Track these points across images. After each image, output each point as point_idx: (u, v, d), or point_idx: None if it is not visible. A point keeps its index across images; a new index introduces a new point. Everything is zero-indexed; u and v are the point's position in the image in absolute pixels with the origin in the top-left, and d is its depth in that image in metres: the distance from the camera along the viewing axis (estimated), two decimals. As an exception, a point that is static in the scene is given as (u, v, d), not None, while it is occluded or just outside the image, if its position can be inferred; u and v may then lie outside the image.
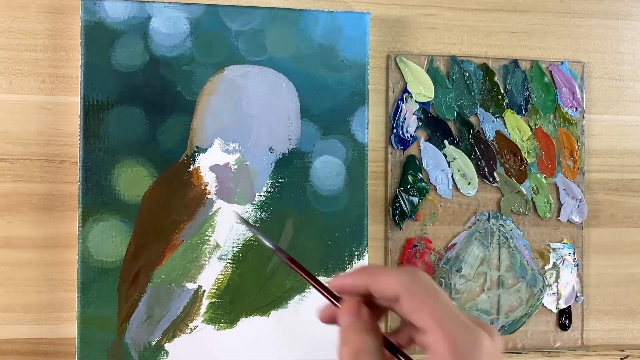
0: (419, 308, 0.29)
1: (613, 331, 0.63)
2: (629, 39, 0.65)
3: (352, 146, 0.56)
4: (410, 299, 0.29)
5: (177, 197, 0.54)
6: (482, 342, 0.28)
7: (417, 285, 0.29)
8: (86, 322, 0.52)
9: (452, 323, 0.28)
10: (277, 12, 0.56)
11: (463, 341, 0.28)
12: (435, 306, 0.28)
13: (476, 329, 0.28)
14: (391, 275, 0.30)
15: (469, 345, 0.28)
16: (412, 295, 0.29)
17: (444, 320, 0.28)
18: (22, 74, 0.55)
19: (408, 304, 0.29)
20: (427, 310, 0.28)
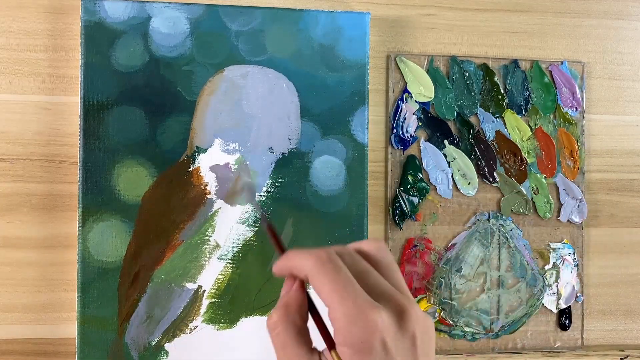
0: (319, 287, 0.31)
1: (613, 331, 0.63)
2: (629, 39, 0.65)
3: (352, 146, 0.56)
4: (314, 279, 0.31)
5: (177, 197, 0.54)
6: (372, 319, 0.29)
7: (321, 266, 0.31)
8: (86, 322, 0.52)
9: (344, 300, 0.30)
10: (277, 12, 0.56)
11: (351, 319, 0.29)
12: (334, 284, 0.30)
13: (367, 308, 0.30)
14: (302, 258, 0.32)
15: (357, 323, 0.29)
16: (314, 275, 0.31)
17: (338, 297, 0.30)
18: (22, 74, 0.55)
19: (312, 283, 0.31)
20: (325, 289, 0.30)
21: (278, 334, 0.32)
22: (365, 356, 0.29)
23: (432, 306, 0.59)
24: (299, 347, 0.32)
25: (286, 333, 0.32)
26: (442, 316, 0.59)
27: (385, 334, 0.30)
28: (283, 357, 0.32)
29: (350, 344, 0.29)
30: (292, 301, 0.33)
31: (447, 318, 0.59)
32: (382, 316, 0.30)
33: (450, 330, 0.60)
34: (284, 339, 0.32)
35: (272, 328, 0.33)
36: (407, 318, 0.31)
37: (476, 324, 0.60)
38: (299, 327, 0.33)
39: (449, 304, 0.59)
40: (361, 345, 0.29)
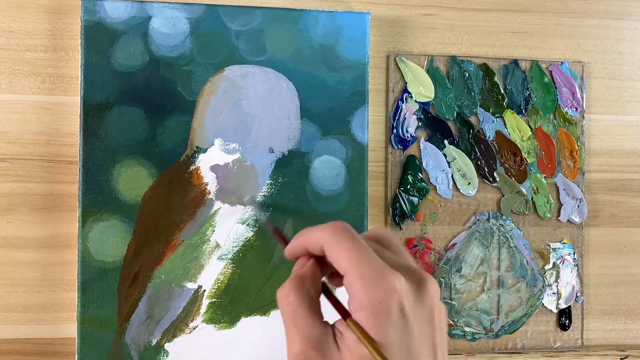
0: (336, 253, 0.31)
1: (613, 331, 0.63)
2: (629, 39, 0.65)
3: (352, 146, 0.56)
4: (330, 247, 0.31)
5: (177, 197, 0.54)
6: (390, 280, 0.29)
7: (336, 235, 0.31)
8: (86, 322, 0.52)
9: (361, 263, 0.30)
10: (277, 12, 0.56)
11: (370, 279, 0.29)
12: (350, 250, 0.30)
13: (385, 269, 0.30)
14: (316, 231, 0.32)
15: (375, 283, 0.29)
16: (331, 244, 0.31)
17: (355, 260, 0.30)
18: (22, 74, 0.55)
19: (329, 253, 0.31)
20: (342, 254, 0.30)
21: (291, 303, 0.31)
22: (382, 319, 0.29)
23: (432, 306, 0.59)
24: (312, 317, 0.31)
25: (299, 303, 0.31)
26: (442, 316, 0.59)
27: (403, 298, 0.29)
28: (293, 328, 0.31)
29: (367, 306, 0.29)
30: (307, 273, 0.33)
31: (447, 318, 0.59)
32: (400, 280, 0.29)
33: (450, 330, 0.60)
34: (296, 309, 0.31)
35: (285, 297, 0.31)
36: (427, 288, 0.31)
37: (476, 324, 0.60)
38: (312, 298, 0.32)
39: (449, 304, 0.59)
40: (378, 307, 0.29)
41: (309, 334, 0.31)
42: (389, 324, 0.29)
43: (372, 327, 0.29)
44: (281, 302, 0.32)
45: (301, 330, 0.31)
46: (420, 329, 0.30)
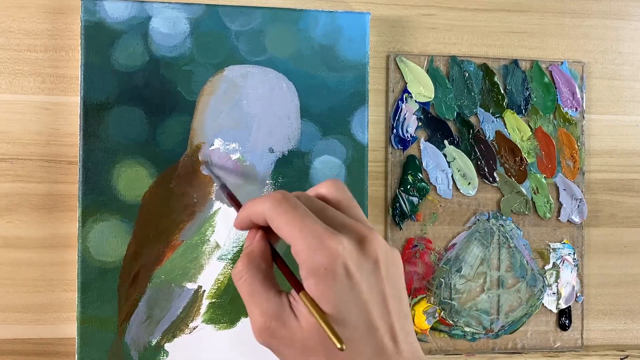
0: (278, 226, 0.32)
1: (613, 331, 0.63)
2: (629, 39, 0.65)
3: (352, 146, 0.56)
4: (272, 219, 0.32)
5: (177, 197, 0.54)
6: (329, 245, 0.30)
7: (276, 206, 0.32)
8: (86, 322, 0.52)
9: (302, 232, 0.31)
10: (277, 12, 0.56)
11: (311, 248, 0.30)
12: (292, 220, 0.31)
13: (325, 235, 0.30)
14: (258, 203, 0.33)
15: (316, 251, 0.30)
16: (272, 216, 0.32)
17: (296, 231, 0.31)
18: (22, 74, 0.55)
19: (272, 225, 0.32)
20: (284, 226, 0.31)
21: (245, 280, 0.33)
22: (329, 282, 0.30)
23: (432, 306, 0.59)
24: (266, 290, 0.32)
25: (253, 278, 0.33)
26: (442, 316, 0.59)
27: (347, 259, 0.30)
28: (251, 303, 0.32)
29: (314, 273, 0.30)
30: (255, 248, 0.34)
31: (447, 318, 0.59)
32: (342, 242, 0.30)
33: (450, 330, 0.60)
34: (251, 285, 0.32)
35: (239, 276, 0.33)
36: (368, 243, 0.32)
37: (476, 324, 0.60)
38: (264, 272, 0.33)
39: (449, 304, 0.59)
40: (324, 272, 0.30)
41: (266, 307, 0.32)
42: (336, 287, 0.30)
43: (320, 293, 0.30)
44: (236, 281, 0.33)
45: (258, 305, 0.32)
46: (368, 283, 0.31)
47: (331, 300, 0.30)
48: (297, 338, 0.31)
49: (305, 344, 0.31)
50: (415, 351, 0.32)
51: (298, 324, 0.31)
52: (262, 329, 0.32)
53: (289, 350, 0.32)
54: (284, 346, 0.32)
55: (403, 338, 0.32)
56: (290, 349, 0.32)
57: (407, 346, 0.32)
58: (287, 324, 0.32)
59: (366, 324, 0.31)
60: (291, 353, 0.32)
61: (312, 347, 0.31)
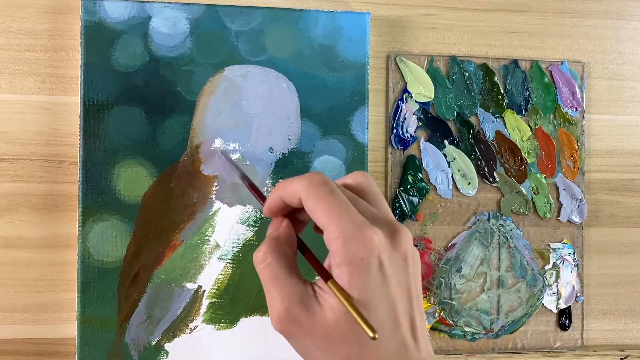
0: (314, 208, 0.31)
1: (613, 331, 0.63)
2: (629, 39, 0.65)
3: (352, 146, 0.56)
4: (308, 201, 0.31)
5: (177, 197, 0.54)
6: (369, 236, 0.30)
7: (315, 187, 0.31)
8: (86, 322, 0.52)
9: (341, 219, 0.30)
10: (277, 12, 0.56)
11: (350, 236, 0.29)
12: (328, 205, 0.30)
13: (364, 225, 0.30)
14: (294, 182, 0.32)
15: (355, 240, 0.29)
16: (309, 196, 0.31)
17: (335, 217, 0.30)
18: (22, 74, 0.55)
19: (307, 206, 0.31)
20: (321, 209, 0.30)
21: (269, 263, 0.32)
22: (363, 273, 0.29)
23: (432, 306, 0.59)
24: (290, 277, 0.32)
25: (277, 263, 0.32)
26: (442, 316, 0.59)
27: (381, 252, 0.30)
28: (273, 288, 0.31)
29: (349, 262, 0.29)
30: (282, 234, 0.33)
31: (447, 318, 0.59)
32: (378, 234, 0.30)
33: (450, 330, 0.60)
34: (275, 269, 0.32)
35: (262, 259, 0.32)
36: (400, 238, 0.31)
37: (476, 324, 0.60)
38: (289, 259, 0.32)
39: (449, 304, 0.59)
40: (360, 262, 0.29)
41: (290, 293, 0.31)
42: (370, 278, 0.30)
43: (353, 283, 0.29)
44: (258, 264, 0.32)
45: (282, 290, 0.31)
46: (397, 278, 0.31)
47: (363, 292, 0.29)
48: (320, 327, 0.30)
49: (328, 334, 0.30)
50: (430, 350, 0.32)
51: (322, 313, 0.30)
52: (284, 315, 0.31)
53: (309, 339, 0.31)
54: (304, 335, 0.31)
55: (422, 336, 0.32)
56: (310, 338, 0.31)
57: (424, 345, 0.32)
58: (310, 311, 0.31)
59: (392, 319, 0.30)
60: (311, 342, 0.31)
61: (335, 337, 0.30)
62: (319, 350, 0.31)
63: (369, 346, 0.30)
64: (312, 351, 0.31)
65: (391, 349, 0.30)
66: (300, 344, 0.31)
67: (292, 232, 0.34)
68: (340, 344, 0.30)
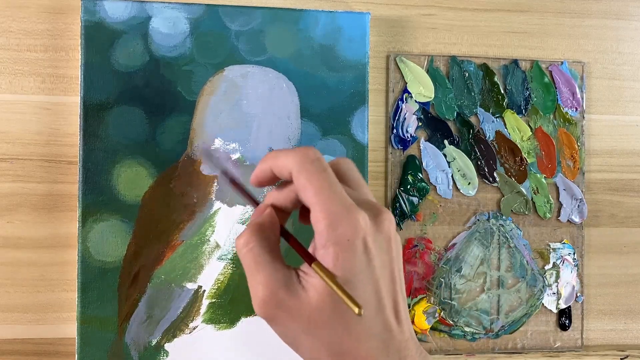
0: (304, 185, 0.30)
1: (613, 331, 0.63)
2: (629, 39, 0.65)
3: (352, 146, 0.56)
4: (298, 175, 0.31)
5: (177, 197, 0.54)
6: (356, 218, 0.30)
7: (306, 163, 0.31)
8: (86, 322, 0.52)
9: (330, 200, 0.30)
10: (277, 12, 0.56)
11: (337, 217, 0.30)
12: (319, 183, 0.30)
13: (352, 207, 0.30)
14: (287, 155, 0.31)
15: (343, 221, 0.30)
16: (300, 172, 0.31)
17: (324, 197, 0.30)
18: (22, 74, 0.55)
19: (297, 181, 0.31)
20: (312, 188, 0.30)
21: (251, 249, 0.31)
22: (349, 254, 0.30)
23: (432, 306, 0.59)
24: (274, 261, 0.31)
25: (260, 247, 0.31)
26: (442, 316, 0.59)
27: (366, 234, 0.30)
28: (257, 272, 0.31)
29: (336, 242, 0.30)
30: (265, 220, 0.33)
31: (447, 318, 0.59)
32: (365, 217, 0.30)
33: (450, 330, 0.60)
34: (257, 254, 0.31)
35: (245, 244, 0.32)
36: (383, 220, 0.32)
37: (476, 324, 0.60)
38: (272, 244, 0.32)
39: (449, 304, 0.59)
40: (347, 244, 0.30)
41: (274, 276, 0.31)
42: (355, 260, 0.30)
43: (339, 264, 0.30)
44: (241, 249, 0.32)
45: (266, 274, 0.31)
46: (380, 260, 0.31)
47: (348, 272, 0.30)
48: (304, 310, 0.30)
49: (311, 317, 0.30)
50: (412, 332, 0.33)
51: (307, 296, 0.30)
52: (268, 298, 0.31)
53: (293, 323, 0.31)
54: (288, 318, 0.31)
55: (404, 318, 0.32)
56: (294, 321, 0.31)
57: (407, 327, 0.32)
58: (295, 294, 0.30)
59: (376, 300, 0.31)
60: (295, 326, 0.31)
61: (319, 319, 0.30)
62: (304, 333, 0.31)
63: (353, 327, 0.30)
64: (296, 335, 0.31)
65: (375, 329, 0.30)
66: (283, 328, 0.31)
67: (275, 218, 0.33)
68: (324, 326, 0.30)
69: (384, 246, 0.32)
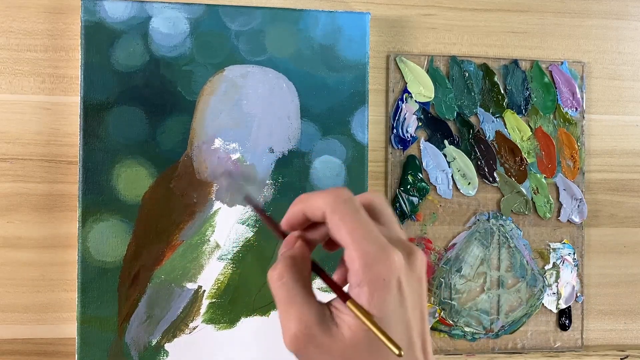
0: (338, 225, 0.31)
1: (613, 331, 0.63)
2: (629, 39, 0.65)
3: (352, 146, 0.56)
4: (332, 216, 0.31)
5: (177, 197, 0.54)
6: (392, 258, 0.30)
7: (339, 203, 0.31)
8: (86, 322, 0.52)
9: (365, 240, 0.30)
10: (277, 12, 0.56)
11: (373, 257, 0.30)
12: (353, 224, 0.30)
13: (388, 247, 0.30)
14: (319, 197, 0.32)
15: (378, 261, 0.30)
16: (333, 212, 0.31)
17: (358, 236, 0.30)
18: (22, 74, 0.55)
19: (330, 222, 0.31)
20: (345, 228, 0.30)
21: (285, 282, 0.31)
22: (384, 293, 0.30)
23: (432, 306, 0.59)
24: (307, 296, 0.31)
25: (294, 282, 0.31)
26: (442, 316, 0.59)
27: (400, 274, 0.30)
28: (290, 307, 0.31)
29: (371, 282, 0.30)
30: (297, 254, 0.33)
31: (447, 318, 0.59)
32: (399, 256, 0.30)
33: (450, 330, 0.60)
34: (291, 289, 0.31)
35: (278, 277, 0.31)
36: (415, 260, 0.32)
37: (476, 324, 0.60)
38: (305, 279, 0.32)
39: (449, 304, 0.59)
40: (382, 283, 0.30)
41: (307, 312, 0.31)
42: (390, 299, 0.30)
43: (374, 303, 0.30)
44: (274, 283, 0.32)
45: (299, 309, 0.31)
46: (412, 299, 0.31)
47: (382, 312, 0.30)
48: (338, 347, 0.30)
49: (345, 354, 0.30)
50: None
51: (340, 333, 0.30)
52: (301, 334, 0.30)
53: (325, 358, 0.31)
54: (320, 355, 0.31)
55: (430, 355, 0.32)
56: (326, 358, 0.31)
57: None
58: (329, 331, 0.31)
59: (407, 338, 0.31)
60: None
61: (352, 357, 0.30)
62: None
63: None
64: None
65: None
66: None
67: (307, 252, 0.34)
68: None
69: (416, 285, 0.32)
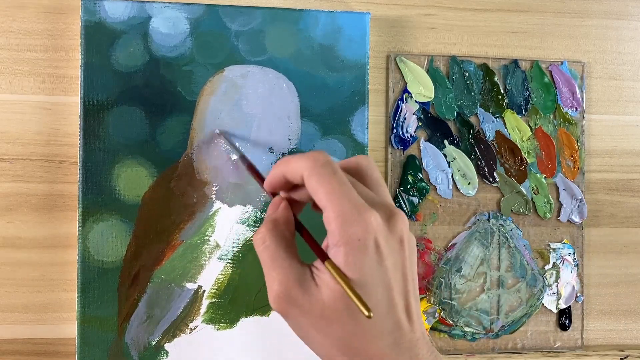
0: (315, 187, 0.31)
1: (613, 331, 0.63)
2: (629, 39, 0.65)
3: (352, 146, 0.56)
4: (310, 179, 0.31)
5: (177, 197, 0.54)
6: (369, 219, 0.30)
7: (317, 167, 0.32)
8: (86, 322, 0.52)
9: (341, 201, 0.30)
10: (277, 12, 0.56)
11: (349, 218, 0.30)
12: (330, 185, 0.31)
13: (364, 207, 0.31)
14: (298, 160, 0.32)
15: (354, 221, 0.30)
16: (311, 175, 0.31)
17: (335, 198, 0.31)
18: (22, 74, 0.55)
19: (309, 184, 0.32)
20: (322, 189, 0.31)
21: (267, 246, 0.32)
22: (360, 254, 0.30)
23: (432, 306, 0.59)
24: (289, 258, 0.32)
25: (276, 244, 0.32)
26: (442, 316, 0.59)
27: (378, 234, 0.31)
28: (273, 269, 0.32)
29: (346, 242, 0.30)
30: (280, 216, 0.34)
31: (447, 318, 0.59)
32: (376, 217, 0.31)
33: (450, 330, 0.60)
34: (274, 251, 0.32)
35: (261, 241, 0.33)
36: (396, 221, 0.32)
37: (476, 324, 0.60)
38: (288, 240, 0.33)
39: (449, 304, 0.59)
40: (357, 244, 0.30)
41: (288, 273, 0.32)
42: (366, 259, 0.30)
43: (350, 263, 0.30)
44: (258, 245, 0.33)
45: (280, 271, 0.32)
46: (393, 260, 0.31)
47: (358, 272, 0.30)
48: (317, 307, 0.31)
49: (324, 313, 0.31)
50: (424, 331, 0.33)
51: (319, 293, 0.31)
52: (283, 295, 0.31)
53: (306, 319, 0.31)
54: (301, 314, 0.32)
55: (416, 318, 0.32)
56: (307, 317, 0.31)
57: (419, 326, 0.32)
58: (308, 291, 0.31)
59: (388, 299, 0.31)
60: (308, 322, 0.32)
61: (331, 316, 0.31)
62: (315, 329, 0.31)
63: (364, 325, 0.31)
64: (308, 330, 0.32)
65: (386, 328, 0.31)
66: (296, 322, 0.32)
67: (290, 214, 0.34)
68: (336, 323, 0.31)
69: (396, 247, 0.32)
